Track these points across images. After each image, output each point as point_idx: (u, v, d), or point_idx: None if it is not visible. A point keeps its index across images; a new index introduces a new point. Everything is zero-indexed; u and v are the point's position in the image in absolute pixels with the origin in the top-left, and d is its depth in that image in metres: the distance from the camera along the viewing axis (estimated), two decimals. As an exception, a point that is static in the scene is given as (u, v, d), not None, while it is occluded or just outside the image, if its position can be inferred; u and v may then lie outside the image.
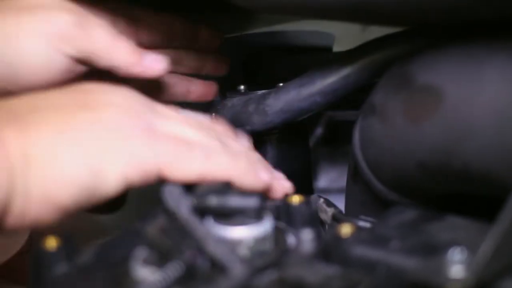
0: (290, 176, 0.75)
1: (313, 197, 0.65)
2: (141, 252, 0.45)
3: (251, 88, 0.73)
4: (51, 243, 0.48)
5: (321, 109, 0.65)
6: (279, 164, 0.73)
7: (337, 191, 0.95)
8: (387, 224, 0.50)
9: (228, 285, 0.41)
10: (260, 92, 0.70)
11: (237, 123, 0.68)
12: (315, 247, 0.48)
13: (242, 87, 0.73)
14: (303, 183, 0.78)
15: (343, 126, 0.91)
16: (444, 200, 0.56)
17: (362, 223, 0.58)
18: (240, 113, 0.68)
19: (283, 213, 0.55)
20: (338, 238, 0.48)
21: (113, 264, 0.47)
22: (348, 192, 0.70)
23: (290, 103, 0.65)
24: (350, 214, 0.67)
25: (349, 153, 0.83)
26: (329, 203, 0.63)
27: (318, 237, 0.52)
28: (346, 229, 0.49)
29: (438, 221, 0.49)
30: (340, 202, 0.88)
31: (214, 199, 0.49)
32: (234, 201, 0.49)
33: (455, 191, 0.52)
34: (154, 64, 0.62)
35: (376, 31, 0.81)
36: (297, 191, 0.75)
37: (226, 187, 0.51)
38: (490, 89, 0.44)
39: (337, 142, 0.98)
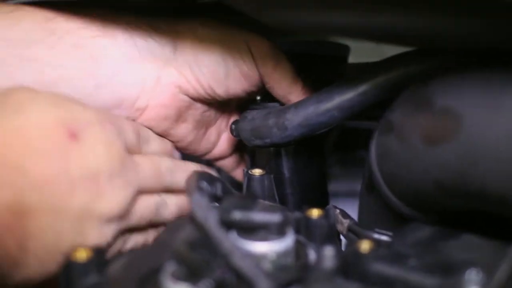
0: (305, 186, 0.77)
1: (329, 207, 0.67)
2: (170, 266, 0.47)
3: (266, 99, 0.74)
4: (82, 254, 0.50)
5: (338, 123, 0.66)
6: (295, 174, 0.75)
7: (346, 194, 0.97)
8: (404, 241, 0.52)
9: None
10: (278, 106, 0.72)
11: (256, 135, 0.70)
12: (335, 263, 0.49)
13: (258, 97, 0.75)
14: (319, 193, 0.80)
15: (354, 133, 0.93)
16: (459, 215, 0.58)
17: (377, 236, 0.60)
18: (260, 126, 0.70)
19: (303, 226, 0.57)
20: (357, 254, 0.50)
21: (142, 277, 0.48)
22: (362, 202, 0.71)
23: (308, 118, 0.67)
24: (363, 223, 0.68)
25: (357, 160, 0.86)
26: (344, 215, 0.65)
27: (337, 251, 0.53)
28: (365, 245, 0.51)
29: (454, 239, 0.51)
30: (347, 205, 0.91)
31: (239, 214, 0.51)
32: (258, 216, 0.50)
33: (470, 209, 0.53)
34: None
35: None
36: (313, 201, 0.78)
37: (251, 202, 0.53)
38: (508, 116, 0.45)
39: (347, 148, 1.00)
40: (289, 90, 0.71)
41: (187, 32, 0.69)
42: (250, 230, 0.51)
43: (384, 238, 0.59)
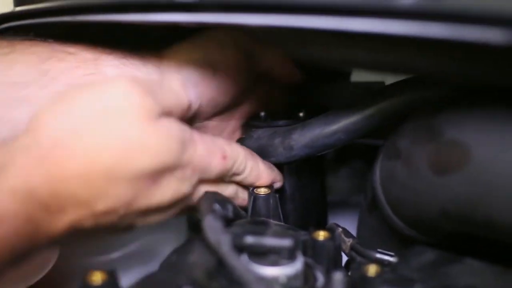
0: (306, 203, 0.79)
1: (331, 225, 0.68)
2: (186, 291, 0.48)
3: (270, 115, 0.76)
4: (97, 277, 0.51)
5: (343, 144, 0.68)
6: (297, 191, 0.77)
7: (340, 203, 0.99)
8: (409, 265, 0.54)
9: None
10: (284, 122, 0.74)
11: (262, 154, 0.71)
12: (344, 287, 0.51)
13: (262, 113, 0.76)
14: (319, 209, 0.82)
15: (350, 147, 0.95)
16: (462, 239, 0.60)
17: (379, 256, 0.62)
18: (266, 145, 0.71)
19: (310, 248, 0.58)
20: (365, 278, 0.52)
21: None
22: (362, 220, 0.73)
23: (314, 139, 0.68)
24: (362, 241, 0.70)
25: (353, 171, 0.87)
26: (347, 233, 0.67)
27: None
28: (372, 269, 0.53)
29: (457, 263, 0.53)
30: (338, 216, 0.93)
31: (251, 239, 0.52)
32: (270, 241, 0.52)
33: (476, 236, 0.55)
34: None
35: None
36: (313, 217, 0.80)
37: (262, 226, 0.54)
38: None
39: (343, 161, 1.02)
40: (270, 62, 0.75)
41: (172, 58, 0.70)
42: (261, 254, 0.53)
43: (387, 258, 0.61)
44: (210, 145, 0.64)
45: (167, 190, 0.59)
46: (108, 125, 0.55)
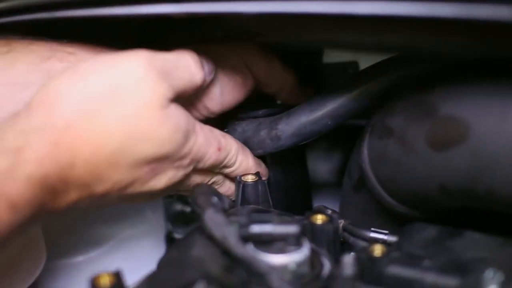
0: (291, 189, 0.79)
1: (319, 207, 0.68)
2: (201, 286, 0.47)
3: (251, 104, 0.75)
4: (105, 280, 0.50)
5: (331, 129, 0.68)
6: (281, 179, 0.76)
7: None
8: (412, 242, 0.54)
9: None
10: (267, 112, 0.74)
11: (249, 147, 0.71)
12: (354, 270, 0.51)
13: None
14: (304, 194, 0.82)
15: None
16: (457, 213, 0.61)
17: (373, 235, 0.63)
18: (252, 138, 0.71)
19: (308, 232, 0.58)
20: (372, 259, 0.52)
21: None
22: (347, 202, 0.74)
23: (301, 128, 0.68)
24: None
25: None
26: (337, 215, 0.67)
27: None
28: (378, 250, 0.53)
29: (459, 237, 0.54)
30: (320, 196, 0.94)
31: (257, 228, 0.52)
32: (277, 229, 0.52)
33: (473, 209, 0.56)
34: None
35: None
36: (298, 202, 0.80)
37: (264, 214, 0.54)
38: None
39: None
40: (280, 85, 0.74)
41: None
42: (266, 242, 0.52)
43: (381, 236, 0.62)
44: (209, 136, 0.64)
45: (163, 178, 0.60)
46: (119, 109, 0.55)
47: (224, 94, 0.70)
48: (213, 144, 0.64)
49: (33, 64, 0.63)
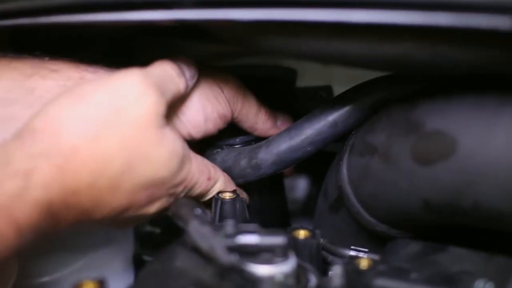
0: (268, 209, 0.78)
1: (295, 227, 0.68)
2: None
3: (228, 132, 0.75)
4: (89, 287, 0.48)
5: (311, 155, 0.69)
6: (258, 205, 0.76)
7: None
8: (397, 257, 0.54)
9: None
10: (245, 139, 0.75)
11: (229, 175, 0.71)
12: (342, 282, 0.51)
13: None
14: (281, 214, 0.81)
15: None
16: (436, 230, 0.61)
17: (353, 253, 0.63)
18: (232, 167, 0.71)
19: (291, 246, 0.58)
20: (358, 271, 0.52)
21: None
22: (323, 221, 0.73)
23: (281, 156, 0.69)
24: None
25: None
26: (316, 234, 0.67)
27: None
28: (364, 263, 0.53)
29: (443, 252, 0.54)
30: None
31: (244, 239, 0.51)
32: (264, 240, 0.51)
33: (454, 225, 0.57)
34: (284, 125, 0.74)
35: (337, 66, 0.86)
36: (275, 222, 0.79)
37: (252, 227, 0.53)
38: (502, 135, 0.49)
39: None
40: (255, 120, 0.74)
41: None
42: (252, 254, 0.51)
43: (361, 254, 0.62)
44: (201, 165, 0.65)
45: (156, 204, 0.61)
46: (120, 130, 0.56)
47: (207, 122, 0.69)
48: (204, 173, 0.65)
49: (16, 81, 0.62)
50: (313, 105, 0.71)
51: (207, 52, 0.83)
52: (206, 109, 0.68)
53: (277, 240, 0.51)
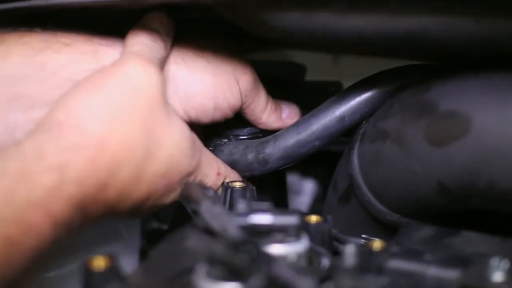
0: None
1: (307, 213, 0.67)
2: (203, 268, 0.46)
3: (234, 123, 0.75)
4: (99, 263, 0.48)
5: (319, 150, 0.69)
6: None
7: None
8: (410, 240, 0.54)
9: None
10: (252, 131, 0.75)
11: (236, 169, 0.71)
12: (356, 261, 0.50)
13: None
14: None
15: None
16: (444, 218, 0.61)
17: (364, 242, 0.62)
18: (239, 160, 0.71)
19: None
20: (371, 253, 0.51)
21: (168, 281, 0.47)
22: (332, 214, 0.73)
23: (289, 151, 0.69)
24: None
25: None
26: (327, 224, 0.66)
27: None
28: (377, 244, 0.52)
29: (456, 236, 0.54)
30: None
31: (256, 218, 0.51)
32: (277, 219, 0.51)
33: (468, 209, 0.56)
34: (289, 118, 0.74)
35: (347, 62, 0.86)
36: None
37: (264, 206, 0.53)
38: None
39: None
40: (260, 115, 0.73)
41: (180, 61, 0.67)
42: (264, 233, 0.51)
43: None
44: (210, 158, 0.66)
45: (172, 194, 0.61)
46: (138, 114, 0.57)
47: (217, 110, 0.69)
48: (214, 167, 0.66)
49: (27, 56, 0.61)
50: (322, 100, 0.71)
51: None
52: (218, 98, 0.68)
53: (290, 219, 0.51)
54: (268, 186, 0.78)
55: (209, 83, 0.67)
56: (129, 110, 0.56)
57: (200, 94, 0.67)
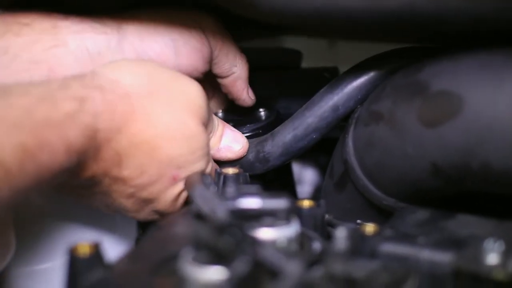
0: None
1: (300, 198, 0.67)
2: (188, 253, 0.45)
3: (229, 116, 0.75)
4: (84, 249, 0.47)
5: (318, 140, 0.69)
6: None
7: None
8: (404, 223, 0.53)
9: (288, 283, 0.42)
10: (252, 132, 0.75)
11: None
12: (347, 245, 0.49)
13: (220, 113, 0.76)
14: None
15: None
16: (439, 202, 0.60)
17: (359, 227, 0.61)
18: (240, 162, 0.71)
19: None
20: (364, 237, 0.50)
21: (154, 267, 0.46)
22: (328, 202, 0.72)
23: (288, 147, 0.69)
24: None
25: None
26: (321, 209, 0.65)
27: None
28: (369, 228, 0.51)
29: (451, 219, 0.52)
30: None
31: (246, 202, 0.50)
32: (267, 203, 0.50)
33: (461, 192, 0.55)
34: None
35: (343, 47, 0.85)
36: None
37: (253, 189, 0.52)
38: (509, 91, 0.48)
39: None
40: (234, 62, 0.73)
41: (132, 19, 0.67)
42: (254, 217, 0.50)
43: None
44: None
45: (175, 189, 0.61)
46: (170, 97, 0.60)
47: (179, 56, 0.68)
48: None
49: None
50: (318, 86, 0.70)
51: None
52: (176, 42, 0.67)
53: (280, 203, 0.50)
54: (275, 179, 0.78)
55: (164, 29, 0.67)
56: (165, 91, 0.59)
57: (156, 43, 0.67)
